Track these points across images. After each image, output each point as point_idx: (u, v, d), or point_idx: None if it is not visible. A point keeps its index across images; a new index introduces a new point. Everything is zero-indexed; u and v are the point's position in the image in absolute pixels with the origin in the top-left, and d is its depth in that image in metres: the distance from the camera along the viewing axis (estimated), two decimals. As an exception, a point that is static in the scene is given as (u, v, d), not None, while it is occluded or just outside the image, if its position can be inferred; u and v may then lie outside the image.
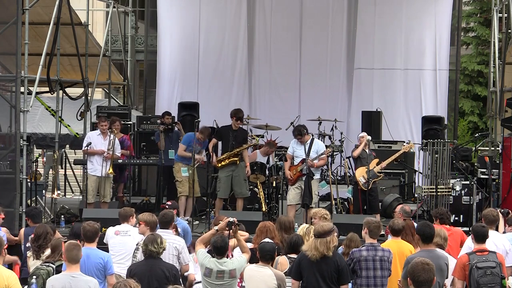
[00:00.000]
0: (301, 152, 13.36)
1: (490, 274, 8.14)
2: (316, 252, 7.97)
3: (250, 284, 8.14)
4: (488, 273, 8.14)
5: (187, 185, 13.89)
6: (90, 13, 18.47)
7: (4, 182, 13.12)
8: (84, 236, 8.73)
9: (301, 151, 13.38)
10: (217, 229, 8.58)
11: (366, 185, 13.59)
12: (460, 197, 14.09)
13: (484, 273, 8.14)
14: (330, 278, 8.01)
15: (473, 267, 8.15)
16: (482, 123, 28.24)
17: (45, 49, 13.61)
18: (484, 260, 8.21)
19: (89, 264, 8.47)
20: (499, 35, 16.71)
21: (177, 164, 14.12)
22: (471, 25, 29.57)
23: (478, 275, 8.13)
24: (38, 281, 8.02)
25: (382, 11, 18.89)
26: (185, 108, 17.03)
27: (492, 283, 8.13)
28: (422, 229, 8.40)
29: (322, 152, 13.51)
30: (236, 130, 13.92)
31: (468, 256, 8.31)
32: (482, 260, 8.21)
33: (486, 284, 8.11)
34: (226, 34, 19.17)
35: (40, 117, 19.42)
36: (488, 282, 8.13)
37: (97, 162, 13.90)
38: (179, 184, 14.05)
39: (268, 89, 19.06)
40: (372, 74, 18.91)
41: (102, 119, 14.44)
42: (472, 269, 8.15)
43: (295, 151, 13.47)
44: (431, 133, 16.19)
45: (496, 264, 8.22)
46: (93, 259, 8.55)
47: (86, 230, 8.71)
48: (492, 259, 8.25)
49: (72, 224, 12.87)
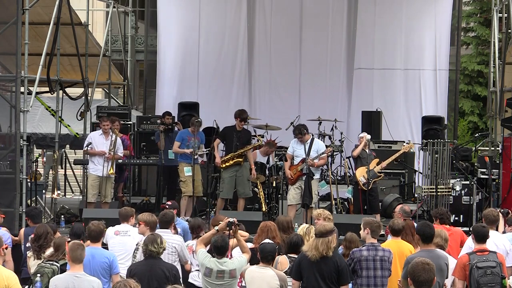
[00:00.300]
0: (301, 152, 13.37)
1: (490, 274, 8.14)
2: (316, 252, 7.97)
3: (253, 286, 8.12)
4: (488, 272, 8.14)
5: (190, 185, 13.89)
6: (90, 13, 18.47)
7: (4, 182, 13.12)
8: (89, 235, 8.75)
9: (301, 151, 13.38)
10: (218, 229, 8.58)
11: (367, 185, 13.59)
12: (460, 197, 14.09)
13: (484, 273, 8.14)
14: (330, 278, 8.01)
15: (473, 267, 8.15)
16: (482, 123, 28.24)
17: (45, 49, 13.61)
18: (484, 260, 8.21)
19: (94, 264, 8.48)
20: (499, 35, 16.72)
21: (180, 164, 14.12)
22: (471, 25, 29.57)
23: (479, 275, 8.13)
24: (43, 279, 8.00)
25: (382, 11, 18.88)
26: (185, 108, 17.04)
27: (492, 283, 8.13)
28: (422, 229, 8.39)
29: (323, 152, 13.52)
30: (240, 131, 13.94)
31: (469, 256, 8.31)
32: (482, 260, 8.21)
33: (486, 284, 8.11)
34: (226, 34, 19.16)
35: (40, 117, 19.41)
36: (488, 282, 8.13)
37: (99, 162, 13.90)
38: (183, 184, 14.03)
39: (268, 89, 19.05)
40: (372, 74, 18.91)
41: (104, 119, 14.44)
42: (473, 269, 8.15)
43: (295, 151, 13.48)
44: (431, 133, 16.19)
45: (497, 264, 8.22)
46: (99, 259, 8.57)
47: (91, 230, 8.73)
48: (492, 259, 8.25)
49: (72, 224, 12.86)
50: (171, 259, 9.15)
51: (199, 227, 9.87)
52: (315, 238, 8.09)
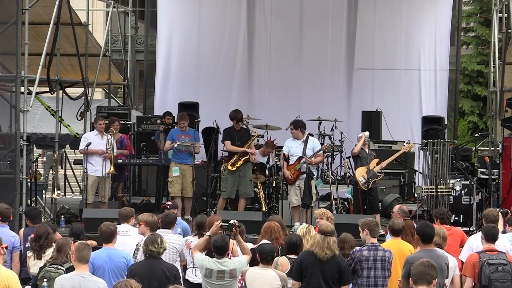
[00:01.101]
0: (297, 150, 13.39)
1: (501, 271, 8.17)
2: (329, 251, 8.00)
3: (254, 287, 8.11)
4: (499, 269, 8.18)
5: (177, 186, 13.87)
6: (90, 13, 18.47)
7: (4, 182, 13.12)
8: (102, 237, 8.76)
9: (296, 149, 13.41)
10: (210, 234, 8.59)
11: (366, 185, 13.58)
12: (460, 197, 14.09)
13: (495, 269, 8.17)
14: (332, 278, 8.02)
15: (484, 264, 8.19)
16: (482, 123, 28.23)
17: (45, 49, 13.61)
18: (495, 258, 8.24)
19: (112, 265, 8.50)
20: (499, 35, 16.71)
21: (171, 163, 14.12)
22: (471, 25, 29.55)
23: (490, 271, 8.15)
24: (50, 284, 7.98)
25: (382, 11, 18.87)
26: (185, 108, 17.00)
27: (503, 279, 8.15)
28: (422, 229, 8.39)
29: (320, 149, 13.54)
30: (239, 130, 14.05)
31: (479, 255, 8.34)
32: (493, 258, 8.24)
33: (498, 280, 8.13)
34: (226, 34, 19.14)
35: (40, 117, 19.41)
36: (500, 278, 8.15)
37: (97, 162, 13.91)
38: (170, 185, 14.01)
39: (268, 89, 19.04)
40: (372, 74, 18.90)
41: (100, 118, 14.49)
42: (483, 265, 8.17)
43: (290, 149, 13.48)
44: (431, 133, 16.17)
45: (507, 262, 8.26)
46: (116, 259, 8.59)
47: (102, 231, 8.74)
48: (502, 258, 8.28)
49: (72, 224, 12.86)
50: (173, 259, 9.16)
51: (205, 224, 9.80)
52: (323, 237, 8.06)
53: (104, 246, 8.70)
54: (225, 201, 14.09)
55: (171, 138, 14.10)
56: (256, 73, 19.18)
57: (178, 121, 14.31)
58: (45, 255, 8.96)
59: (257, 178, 14.57)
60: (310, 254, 8.12)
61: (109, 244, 8.72)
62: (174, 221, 9.69)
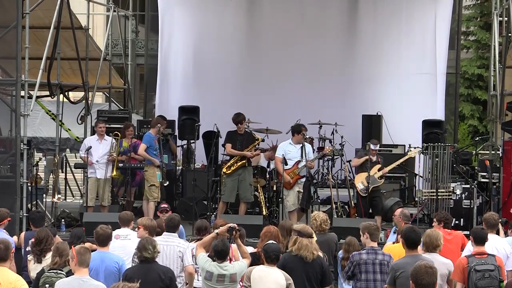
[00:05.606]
0: (294, 155, 13.38)
1: (488, 277, 8.12)
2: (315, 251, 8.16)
3: (261, 285, 8.08)
4: (486, 276, 8.13)
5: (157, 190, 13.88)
6: (91, 17, 18.48)
7: (4, 186, 13.12)
8: (97, 240, 8.74)
9: (293, 153, 13.40)
10: (218, 232, 8.59)
11: (365, 192, 13.56)
12: (461, 201, 14.09)
13: (482, 276, 8.12)
14: (315, 279, 8.13)
15: (471, 269, 8.14)
16: (482, 127, 28.25)
17: (45, 53, 13.62)
18: (482, 263, 8.20)
19: (103, 268, 8.50)
20: (499, 39, 16.70)
21: (150, 167, 14.02)
22: (471, 29, 29.60)
23: (477, 278, 8.11)
24: None
25: (382, 15, 18.88)
26: (185, 112, 17.00)
27: (490, 286, 8.12)
28: (408, 234, 8.06)
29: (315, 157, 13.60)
30: (242, 135, 14.04)
31: (467, 259, 8.30)
32: (481, 263, 8.20)
33: (484, 287, 8.10)
34: (226, 37, 19.15)
35: (40, 121, 19.40)
36: (486, 285, 8.12)
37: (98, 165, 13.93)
38: (155, 190, 13.90)
39: (268, 92, 19.02)
40: (372, 77, 18.90)
41: (100, 121, 14.51)
42: (471, 271, 8.14)
43: (287, 154, 13.46)
44: (431, 137, 16.15)
45: (495, 267, 8.20)
46: (108, 262, 8.59)
47: (99, 234, 8.71)
48: (490, 262, 8.24)
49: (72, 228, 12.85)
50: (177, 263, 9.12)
51: (206, 228, 9.82)
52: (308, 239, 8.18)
53: (98, 249, 8.66)
54: (225, 205, 14.08)
55: (148, 142, 14.01)
56: (256, 76, 19.17)
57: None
58: (45, 259, 8.96)
59: (257, 182, 14.57)
60: (293, 257, 8.22)
61: (104, 248, 8.70)
62: (178, 224, 9.68)
